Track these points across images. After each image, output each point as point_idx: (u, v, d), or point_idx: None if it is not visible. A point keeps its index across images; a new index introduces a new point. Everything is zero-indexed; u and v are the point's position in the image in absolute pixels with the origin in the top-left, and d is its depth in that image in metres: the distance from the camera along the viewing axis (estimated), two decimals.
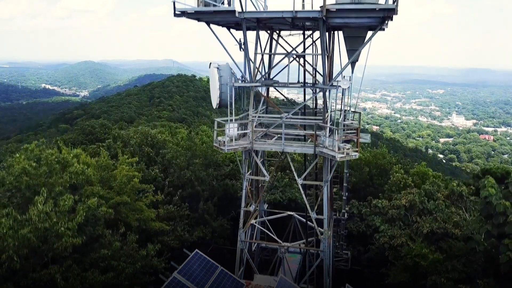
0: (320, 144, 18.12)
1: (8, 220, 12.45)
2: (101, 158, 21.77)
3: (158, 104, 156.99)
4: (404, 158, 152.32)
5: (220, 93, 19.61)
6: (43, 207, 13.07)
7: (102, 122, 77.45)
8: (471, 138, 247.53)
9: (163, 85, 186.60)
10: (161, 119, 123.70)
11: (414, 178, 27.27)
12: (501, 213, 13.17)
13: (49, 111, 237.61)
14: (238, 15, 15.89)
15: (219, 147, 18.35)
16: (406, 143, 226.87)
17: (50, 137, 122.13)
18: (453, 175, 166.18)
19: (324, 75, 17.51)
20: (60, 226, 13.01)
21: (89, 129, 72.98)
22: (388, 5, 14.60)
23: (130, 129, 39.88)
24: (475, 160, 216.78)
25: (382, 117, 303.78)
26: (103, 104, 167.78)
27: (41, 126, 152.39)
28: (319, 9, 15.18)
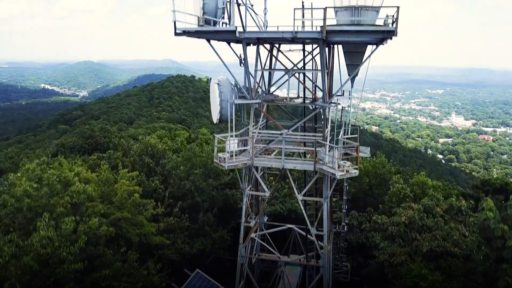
0: (320, 160, 18.19)
1: (10, 247, 12.51)
2: (102, 172, 21.81)
3: (158, 105, 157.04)
4: (403, 166, 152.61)
5: (221, 109, 19.69)
6: (45, 232, 13.13)
7: (101, 126, 77.48)
8: (470, 138, 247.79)
9: (163, 85, 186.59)
10: (161, 120, 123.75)
11: (414, 188, 27.34)
12: (499, 237, 13.26)
13: (48, 111, 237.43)
14: (239, 35, 15.96)
15: (220, 164, 18.40)
16: (405, 144, 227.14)
17: (49, 139, 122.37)
18: (452, 175, 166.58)
19: (324, 92, 17.56)
20: (62, 251, 13.08)
21: (89, 133, 73.07)
22: (387, 27, 14.68)
23: (131, 141, 39.76)
24: (474, 161, 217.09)
25: (382, 117, 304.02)
26: (102, 105, 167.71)
27: (40, 127, 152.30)
28: (319, 30, 15.25)
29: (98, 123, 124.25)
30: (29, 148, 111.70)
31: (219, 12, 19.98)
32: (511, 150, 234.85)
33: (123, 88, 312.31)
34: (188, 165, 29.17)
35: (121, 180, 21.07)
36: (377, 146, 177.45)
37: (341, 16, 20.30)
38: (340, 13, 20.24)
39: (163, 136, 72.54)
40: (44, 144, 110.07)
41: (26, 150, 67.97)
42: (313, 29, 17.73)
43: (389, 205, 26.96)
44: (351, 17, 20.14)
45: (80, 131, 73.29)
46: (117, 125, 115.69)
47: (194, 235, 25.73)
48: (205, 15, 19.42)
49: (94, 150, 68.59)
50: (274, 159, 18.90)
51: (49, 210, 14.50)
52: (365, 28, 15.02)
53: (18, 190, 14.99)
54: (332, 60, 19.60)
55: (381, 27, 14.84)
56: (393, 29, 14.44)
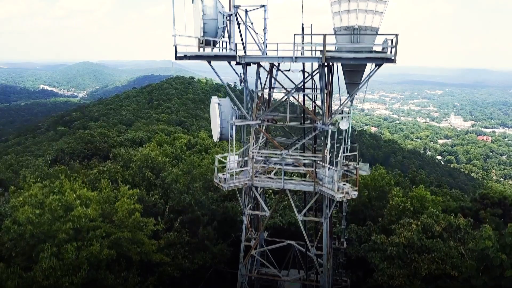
0: (319, 180, 18.33)
1: (13, 280, 12.62)
2: (103, 188, 21.91)
3: (157, 107, 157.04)
4: (402, 166, 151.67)
5: (221, 129, 19.84)
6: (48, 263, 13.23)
7: (101, 131, 77.62)
8: (469, 139, 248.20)
9: (162, 87, 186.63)
10: (160, 122, 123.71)
11: (413, 202, 27.48)
12: (497, 266, 13.39)
13: (47, 112, 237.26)
14: (239, 59, 16.07)
15: (220, 184, 18.53)
16: (404, 145, 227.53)
17: (48, 141, 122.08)
18: (451, 177, 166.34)
19: (323, 113, 17.69)
20: (65, 281, 13.20)
21: (88, 138, 73.17)
22: (386, 54, 14.82)
23: (131, 151, 39.85)
24: (473, 162, 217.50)
25: (381, 118, 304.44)
26: (101, 106, 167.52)
27: (39, 129, 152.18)
28: (319, 55, 15.39)
29: (97, 125, 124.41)
30: (28, 150, 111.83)
31: (219, 32, 20.16)
32: (510, 151, 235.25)
33: (122, 89, 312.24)
34: (188, 178, 29.27)
35: (122, 198, 21.17)
36: (377, 147, 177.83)
37: (340, 36, 20.51)
38: (339, 33, 20.46)
39: (163, 141, 72.79)
40: (43, 146, 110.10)
41: (26, 157, 67.80)
42: (313, 49, 17.97)
43: (389, 219, 27.12)
44: (350, 37, 20.41)
45: (79, 136, 73.47)
46: (116, 127, 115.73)
47: (194, 249, 25.83)
48: (206, 36, 19.64)
49: (93, 155, 68.80)
50: (274, 179, 19.02)
51: (51, 236, 14.60)
52: (364, 55, 15.15)
53: (21, 218, 15.10)
54: (332, 78, 19.73)
55: (380, 54, 14.98)
56: (391, 56, 14.58)
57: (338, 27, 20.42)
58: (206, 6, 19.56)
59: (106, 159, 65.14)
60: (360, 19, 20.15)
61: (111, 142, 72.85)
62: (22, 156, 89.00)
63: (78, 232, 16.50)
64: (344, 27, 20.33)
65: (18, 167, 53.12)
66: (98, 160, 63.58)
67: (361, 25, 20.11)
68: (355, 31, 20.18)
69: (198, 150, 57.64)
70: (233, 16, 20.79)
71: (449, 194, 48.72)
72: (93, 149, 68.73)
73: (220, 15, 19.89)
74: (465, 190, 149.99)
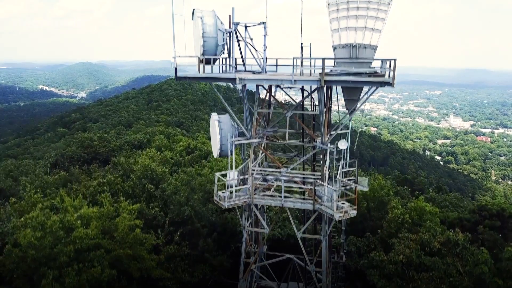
0: (318, 198, 18.47)
1: None
2: (103, 204, 22.03)
3: (156, 108, 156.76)
4: (402, 167, 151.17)
5: (221, 145, 19.98)
6: None
7: (100, 135, 77.57)
8: (468, 139, 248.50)
9: (161, 88, 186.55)
10: (159, 124, 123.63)
11: (412, 214, 27.62)
12: None
13: (46, 113, 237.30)
14: (239, 81, 16.19)
15: (219, 202, 18.66)
16: (403, 145, 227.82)
17: (47, 142, 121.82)
18: (451, 178, 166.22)
19: (322, 133, 17.82)
20: None
21: (88, 142, 73.16)
22: (385, 78, 14.95)
23: (131, 160, 39.92)
24: (473, 162, 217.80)
25: (380, 119, 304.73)
26: (101, 107, 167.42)
27: (38, 130, 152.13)
28: (318, 78, 15.51)
29: (96, 126, 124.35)
30: (27, 152, 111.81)
31: (219, 49, 20.31)
32: (509, 152, 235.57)
33: (121, 89, 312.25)
34: (187, 190, 29.37)
35: (122, 214, 21.29)
36: (376, 148, 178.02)
37: (339, 53, 20.61)
38: (338, 50, 20.57)
39: (162, 146, 72.81)
40: (42, 148, 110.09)
41: (25, 161, 67.79)
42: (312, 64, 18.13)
43: (388, 231, 27.26)
44: (349, 54, 20.55)
45: (79, 141, 73.43)
46: (115, 128, 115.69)
47: (194, 262, 25.96)
48: (206, 53, 19.76)
49: (93, 159, 68.83)
50: (274, 197, 19.15)
51: (52, 258, 14.72)
52: (363, 78, 15.28)
53: (23, 241, 15.21)
54: (330, 97, 19.87)
55: (379, 78, 15.12)
56: (390, 80, 14.72)
57: (337, 44, 20.57)
58: (205, 24, 19.71)
59: (106, 163, 65.24)
60: (358, 37, 20.33)
61: (111, 147, 72.86)
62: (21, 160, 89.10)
63: (79, 252, 16.63)
64: (343, 44, 20.49)
65: (18, 173, 53.16)
66: (98, 164, 63.66)
67: (359, 43, 20.28)
68: (353, 49, 20.40)
69: (197, 155, 57.73)
70: (233, 33, 20.98)
71: (447, 200, 48.98)
72: (93, 153, 68.71)
73: (219, 32, 20.03)
74: (464, 191, 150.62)
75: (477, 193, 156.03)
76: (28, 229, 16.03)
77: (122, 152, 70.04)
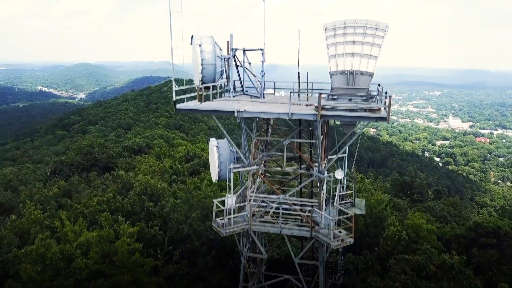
0: (316, 225, 18.72)
1: None
2: (103, 226, 22.25)
3: (155, 110, 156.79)
4: (401, 169, 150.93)
5: (219, 171, 20.24)
6: None
7: (100, 141, 77.75)
8: (468, 140, 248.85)
9: (160, 90, 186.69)
10: (158, 126, 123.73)
11: (409, 231, 27.89)
12: None
13: (46, 114, 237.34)
14: (237, 114, 16.42)
15: (218, 229, 18.89)
16: (403, 147, 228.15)
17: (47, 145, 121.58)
18: (450, 179, 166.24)
19: (319, 163, 18.05)
20: None
21: (87, 149, 73.29)
22: (380, 114, 15.17)
23: (130, 173, 40.15)
24: (472, 164, 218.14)
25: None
26: (100, 109, 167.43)
27: (37, 132, 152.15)
28: (314, 112, 15.74)
29: (96, 129, 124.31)
30: (27, 155, 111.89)
31: (218, 76, 20.59)
32: (508, 153, 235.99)
33: (120, 91, 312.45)
34: (186, 207, 29.58)
35: (122, 238, 21.50)
36: (375, 149, 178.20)
37: (336, 80, 20.92)
38: (335, 77, 20.86)
39: (161, 153, 72.95)
40: (42, 151, 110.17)
41: (24, 169, 68.00)
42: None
43: (385, 248, 27.54)
44: (346, 81, 20.82)
45: (78, 147, 73.61)
46: (115, 131, 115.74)
47: (194, 281, 26.20)
48: (204, 79, 20.03)
49: (92, 166, 69.00)
50: (271, 224, 19.37)
51: None
52: (359, 114, 15.51)
53: (24, 276, 15.44)
54: (327, 127, 20.09)
55: (374, 113, 15.34)
56: (385, 116, 14.93)
57: (334, 71, 20.85)
58: (204, 51, 19.98)
59: (105, 170, 65.47)
60: (355, 64, 20.62)
61: (110, 153, 73.00)
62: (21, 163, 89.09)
63: (79, 282, 16.86)
64: (339, 71, 20.77)
65: (17, 183, 53.36)
66: (97, 172, 63.91)
67: (356, 70, 20.58)
68: (350, 76, 20.68)
69: (197, 163, 57.95)
70: (231, 58, 21.26)
71: (445, 210, 49.20)
72: (92, 160, 68.91)
73: (218, 59, 20.31)
74: (463, 192, 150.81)
75: (476, 195, 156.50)
76: (28, 264, 16.26)
77: (121, 159, 70.35)
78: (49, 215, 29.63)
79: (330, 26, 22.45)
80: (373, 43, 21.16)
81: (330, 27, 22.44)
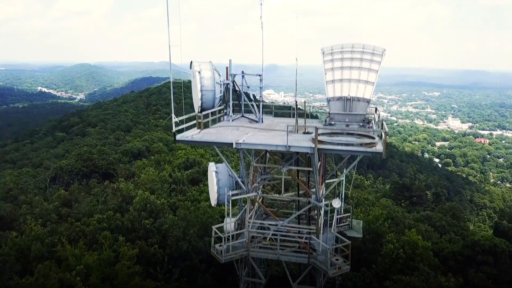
0: (313, 251, 18.98)
1: None
2: (103, 247, 22.49)
3: (155, 112, 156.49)
4: (400, 170, 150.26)
5: (218, 196, 20.52)
6: None
7: (99, 148, 78.01)
8: (467, 141, 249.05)
9: (160, 91, 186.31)
10: (158, 128, 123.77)
11: (406, 248, 28.20)
12: None
13: (45, 115, 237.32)
14: (236, 146, 16.65)
15: (217, 256, 19.15)
16: (402, 148, 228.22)
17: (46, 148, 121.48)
18: (449, 181, 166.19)
19: (316, 191, 18.28)
20: None
21: (87, 155, 73.51)
22: (376, 149, 15.42)
23: (131, 186, 40.37)
24: (471, 165, 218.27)
25: None
26: (99, 111, 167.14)
27: (37, 134, 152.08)
28: (312, 145, 15.97)
29: (95, 131, 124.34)
30: (26, 158, 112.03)
31: (217, 101, 20.86)
32: (507, 154, 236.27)
33: (120, 91, 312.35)
34: (184, 224, 29.81)
35: (122, 261, 21.75)
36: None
37: (333, 106, 21.20)
38: (332, 103, 21.15)
39: (161, 160, 73.12)
40: (41, 154, 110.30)
41: (24, 176, 68.14)
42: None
43: (382, 266, 27.85)
44: (343, 107, 21.09)
45: (78, 154, 73.84)
46: (114, 133, 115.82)
47: None
48: (204, 105, 20.30)
49: (92, 172, 69.25)
50: (270, 250, 19.60)
51: None
52: (355, 148, 15.76)
53: None
54: (325, 158, 20.30)
55: (370, 148, 15.58)
56: (381, 151, 15.18)
57: (331, 97, 21.13)
58: (203, 78, 20.27)
59: (105, 177, 65.72)
60: (352, 90, 20.90)
61: (110, 160, 73.26)
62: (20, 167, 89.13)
63: None
64: (337, 97, 21.06)
65: (17, 192, 53.56)
66: (97, 179, 64.17)
67: (353, 96, 20.86)
68: (347, 102, 20.95)
69: (196, 172, 58.18)
70: (230, 84, 21.52)
71: (444, 220, 49.46)
72: (92, 166, 69.17)
73: (217, 85, 20.57)
74: (462, 194, 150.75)
75: (475, 196, 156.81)
76: None
77: (121, 165, 70.63)
78: (50, 230, 29.91)
79: (328, 51, 22.70)
80: (370, 68, 21.43)
81: (328, 52, 22.69)
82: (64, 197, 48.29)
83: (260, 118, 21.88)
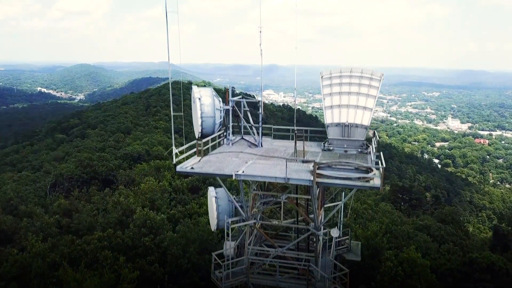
0: (312, 278, 19.20)
1: None
2: (104, 270, 22.71)
3: (155, 114, 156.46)
4: (400, 171, 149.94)
5: (218, 221, 20.70)
6: None
7: (99, 154, 78.16)
8: (467, 142, 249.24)
9: (160, 93, 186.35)
10: (158, 130, 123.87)
11: (404, 265, 28.43)
12: None
13: (45, 115, 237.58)
14: (235, 177, 16.85)
15: (217, 282, 19.35)
16: (402, 148, 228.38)
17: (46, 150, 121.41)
18: (449, 182, 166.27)
19: (315, 220, 18.49)
20: None
21: (87, 161, 73.70)
22: (373, 184, 15.61)
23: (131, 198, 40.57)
24: (470, 165, 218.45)
25: (378, 121, 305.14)
26: (99, 112, 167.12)
27: (37, 135, 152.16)
28: (310, 178, 16.17)
29: (95, 133, 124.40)
30: (26, 160, 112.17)
31: (216, 127, 21.07)
32: (507, 154, 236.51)
33: (120, 91, 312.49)
34: (183, 242, 30.01)
35: (123, 284, 21.98)
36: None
37: (332, 131, 21.39)
38: (331, 128, 21.34)
39: (161, 166, 73.22)
40: (41, 156, 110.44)
41: (25, 184, 68.31)
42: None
43: (381, 283, 28.07)
44: (341, 133, 21.29)
45: (78, 160, 74.03)
46: (114, 135, 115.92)
47: None
48: (204, 131, 20.52)
49: (92, 178, 69.49)
50: (269, 276, 19.81)
51: None
52: (353, 182, 15.95)
53: None
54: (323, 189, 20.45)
55: (367, 183, 15.77)
56: (378, 186, 15.37)
57: (330, 123, 21.32)
58: (204, 104, 20.47)
59: (105, 183, 65.95)
60: (350, 116, 21.08)
61: (110, 166, 73.47)
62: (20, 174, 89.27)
63: None
64: (335, 123, 21.25)
65: (17, 201, 53.72)
66: (97, 186, 64.41)
67: (351, 123, 21.05)
68: (346, 128, 21.15)
69: (196, 179, 58.30)
70: (230, 109, 21.73)
71: (442, 229, 49.64)
72: (92, 172, 69.39)
73: (217, 111, 20.78)
74: (462, 195, 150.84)
75: (475, 197, 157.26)
76: None
77: (121, 171, 70.77)
78: (50, 246, 30.16)
79: (327, 75, 22.89)
80: (368, 94, 21.62)
81: (327, 76, 22.88)
82: (65, 206, 48.56)
83: (259, 142, 22.07)
